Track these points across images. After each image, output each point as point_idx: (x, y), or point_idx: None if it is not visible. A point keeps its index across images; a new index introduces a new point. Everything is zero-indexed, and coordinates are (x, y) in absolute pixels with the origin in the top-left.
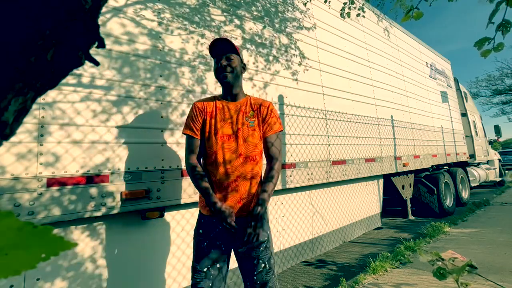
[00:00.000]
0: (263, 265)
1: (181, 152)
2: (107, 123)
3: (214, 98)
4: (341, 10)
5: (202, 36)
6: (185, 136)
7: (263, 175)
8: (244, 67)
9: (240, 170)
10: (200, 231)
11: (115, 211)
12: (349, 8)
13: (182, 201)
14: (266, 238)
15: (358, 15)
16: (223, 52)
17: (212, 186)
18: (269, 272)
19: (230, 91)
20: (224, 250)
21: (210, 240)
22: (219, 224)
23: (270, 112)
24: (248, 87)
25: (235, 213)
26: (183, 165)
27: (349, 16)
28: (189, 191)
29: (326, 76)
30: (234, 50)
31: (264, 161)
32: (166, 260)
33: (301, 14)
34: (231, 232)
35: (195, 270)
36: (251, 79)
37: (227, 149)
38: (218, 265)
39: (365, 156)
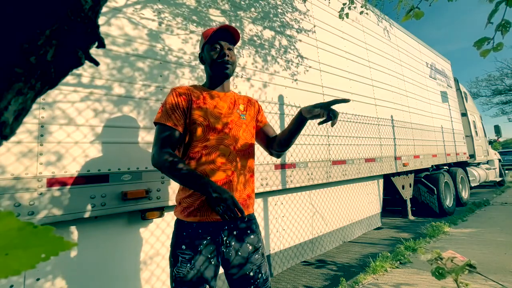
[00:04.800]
0: (260, 275)
1: None
2: (107, 123)
3: (198, 87)
4: (339, 11)
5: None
6: (157, 126)
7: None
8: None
9: (234, 167)
10: (183, 246)
11: (115, 211)
12: (349, 8)
13: None
14: (260, 244)
15: (361, 12)
16: (225, 40)
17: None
18: (266, 282)
19: (223, 84)
20: (214, 266)
21: (198, 257)
22: (220, 227)
23: (259, 106)
24: (246, 87)
25: None
26: None
27: (347, 17)
28: None
29: (326, 76)
30: (236, 42)
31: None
32: (167, 260)
33: (301, 15)
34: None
35: None
36: (249, 79)
37: (220, 144)
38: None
39: (365, 156)
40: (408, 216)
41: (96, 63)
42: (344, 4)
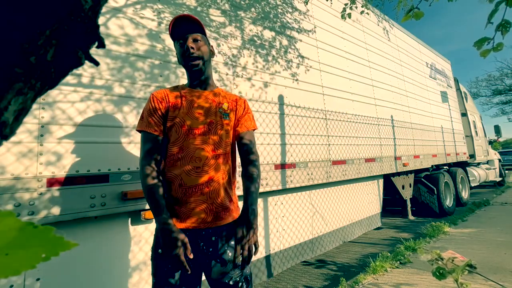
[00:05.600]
0: (240, 284)
1: None
2: (107, 123)
3: (178, 87)
4: (342, 11)
5: None
6: (141, 134)
7: (243, 175)
8: (212, 51)
9: (213, 170)
10: (160, 250)
11: (115, 211)
12: (350, 8)
13: None
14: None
15: (362, 12)
16: (187, 33)
17: (173, 195)
18: None
19: (201, 79)
20: (193, 273)
21: (173, 262)
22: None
23: (247, 108)
24: (247, 87)
25: (207, 223)
26: None
27: (349, 17)
28: None
29: (326, 76)
30: (201, 30)
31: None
32: None
33: (301, 15)
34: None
35: None
36: (250, 79)
37: (197, 145)
38: None
39: (365, 156)
40: (408, 216)
41: (96, 63)
42: (345, 4)
